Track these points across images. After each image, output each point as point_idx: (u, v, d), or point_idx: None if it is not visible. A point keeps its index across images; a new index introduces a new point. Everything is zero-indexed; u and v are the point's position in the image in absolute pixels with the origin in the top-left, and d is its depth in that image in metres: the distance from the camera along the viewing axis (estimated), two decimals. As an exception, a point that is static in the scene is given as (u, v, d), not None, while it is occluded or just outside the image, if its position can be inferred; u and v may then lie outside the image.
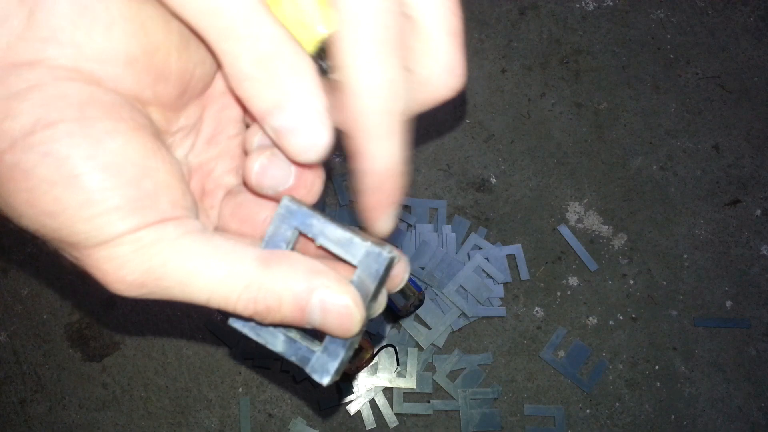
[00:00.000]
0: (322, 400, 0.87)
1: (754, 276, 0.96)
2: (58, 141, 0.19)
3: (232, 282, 0.22)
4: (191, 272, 0.22)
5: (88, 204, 0.20)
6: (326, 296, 0.23)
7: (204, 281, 0.22)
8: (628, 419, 0.89)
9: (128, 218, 0.20)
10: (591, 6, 1.08)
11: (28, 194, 0.20)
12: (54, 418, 0.87)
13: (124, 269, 0.21)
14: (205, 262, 0.22)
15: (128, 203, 0.21)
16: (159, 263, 0.21)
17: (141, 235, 0.21)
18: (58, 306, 0.90)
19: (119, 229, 0.20)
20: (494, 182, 0.98)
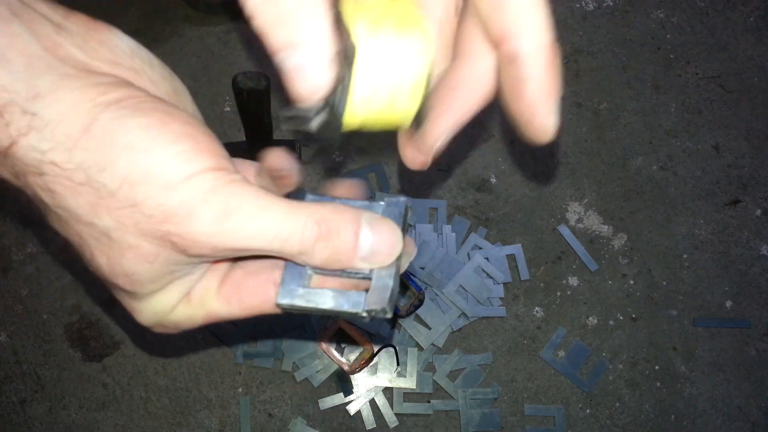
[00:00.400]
0: (321, 400, 0.88)
1: (754, 276, 0.96)
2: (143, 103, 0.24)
3: (299, 212, 0.25)
4: (265, 205, 0.24)
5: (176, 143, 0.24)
6: (374, 221, 0.26)
7: (276, 212, 0.25)
8: (628, 419, 0.89)
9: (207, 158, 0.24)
10: (591, 6, 1.08)
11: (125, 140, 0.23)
12: (54, 418, 0.87)
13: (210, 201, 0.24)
14: (274, 199, 0.25)
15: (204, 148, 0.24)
16: (237, 197, 0.24)
17: (218, 174, 0.24)
18: (58, 306, 0.90)
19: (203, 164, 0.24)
20: (494, 182, 0.98)
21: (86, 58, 0.24)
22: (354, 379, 0.88)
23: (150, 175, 0.23)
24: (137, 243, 0.25)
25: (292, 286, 0.28)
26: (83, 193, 0.24)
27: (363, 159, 0.97)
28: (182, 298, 0.28)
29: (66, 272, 0.92)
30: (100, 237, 0.25)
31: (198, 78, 1.02)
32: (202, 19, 1.05)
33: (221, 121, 0.99)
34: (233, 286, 0.29)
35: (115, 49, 0.26)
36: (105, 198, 0.24)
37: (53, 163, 0.23)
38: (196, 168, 0.24)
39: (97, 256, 0.26)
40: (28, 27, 0.23)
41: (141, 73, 0.26)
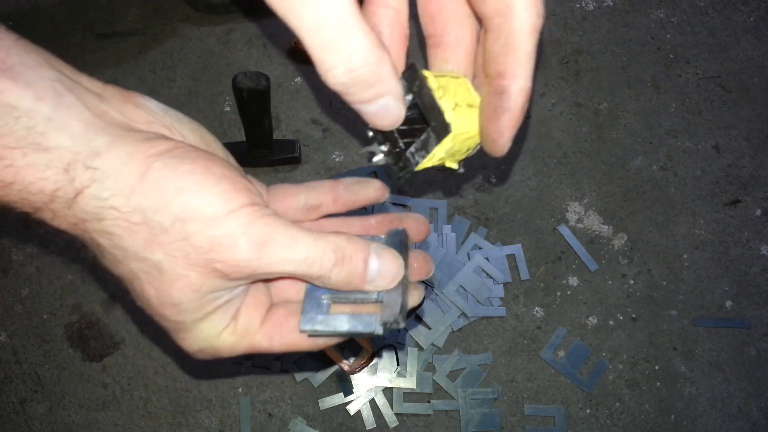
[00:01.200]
0: (321, 400, 0.88)
1: (754, 276, 0.96)
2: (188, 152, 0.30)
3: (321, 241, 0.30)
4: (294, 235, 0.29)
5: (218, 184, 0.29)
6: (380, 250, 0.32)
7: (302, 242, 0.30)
8: (628, 419, 0.89)
9: (243, 196, 0.29)
10: (591, 6, 1.08)
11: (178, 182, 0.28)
12: (54, 418, 0.87)
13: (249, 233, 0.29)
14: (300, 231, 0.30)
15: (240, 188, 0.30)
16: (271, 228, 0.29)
17: (253, 210, 0.29)
18: (58, 306, 0.90)
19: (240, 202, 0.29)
20: (494, 182, 0.98)
21: (127, 120, 0.29)
22: (354, 379, 0.88)
23: (198, 213, 0.28)
24: (185, 273, 0.29)
25: (312, 314, 0.33)
26: (139, 232, 0.28)
27: (363, 159, 0.97)
28: (227, 326, 0.33)
29: (66, 272, 0.92)
30: (151, 271, 0.30)
31: (198, 78, 1.02)
32: (202, 19, 1.05)
33: (221, 121, 0.99)
34: (276, 325, 0.34)
35: (148, 110, 0.31)
36: (159, 235, 0.28)
37: (113, 207, 0.28)
38: (235, 205, 0.29)
39: (147, 290, 0.30)
40: (79, 99, 0.28)
41: (172, 129, 0.31)
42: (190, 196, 0.28)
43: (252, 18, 1.05)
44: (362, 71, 0.26)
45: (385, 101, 0.28)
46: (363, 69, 0.26)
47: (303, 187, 0.39)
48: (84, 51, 1.02)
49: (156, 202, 0.28)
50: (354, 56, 0.26)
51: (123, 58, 1.02)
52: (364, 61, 0.26)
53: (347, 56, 0.26)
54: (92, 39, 1.03)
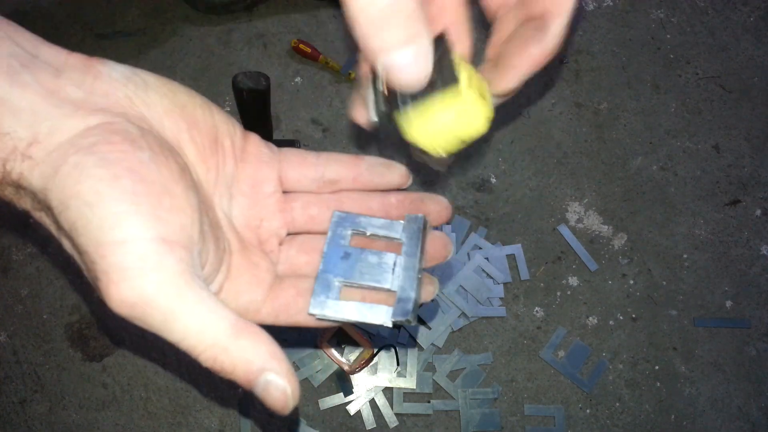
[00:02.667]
0: (322, 400, 0.88)
1: (754, 276, 0.96)
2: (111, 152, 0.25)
3: (203, 337, 0.26)
4: (175, 314, 0.25)
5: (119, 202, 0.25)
6: (272, 380, 0.27)
7: (182, 325, 0.26)
8: (628, 419, 0.89)
9: (147, 225, 0.25)
10: (591, 6, 1.08)
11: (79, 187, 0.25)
12: (54, 418, 0.87)
13: (125, 283, 0.25)
14: (189, 310, 0.26)
15: (150, 213, 0.25)
16: (153, 292, 0.25)
17: (149, 251, 0.25)
18: (58, 306, 0.90)
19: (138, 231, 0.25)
20: (494, 182, 0.98)
21: (83, 94, 0.28)
22: (354, 379, 0.88)
23: (88, 230, 0.25)
24: None
25: (322, 298, 0.31)
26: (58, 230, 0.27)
27: (363, 159, 0.97)
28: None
29: (66, 272, 0.92)
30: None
31: (198, 78, 1.02)
32: (202, 19, 1.05)
33: (221, 121, 0.99)
34: (283, 305, 0.32)
35: (109, 80, 0.29)
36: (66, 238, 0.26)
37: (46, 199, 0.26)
38: (127, 233, 0.25)
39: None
40: (34, 76, 0.26)
41: (134, 98, 0.29)
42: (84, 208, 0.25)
43: (252, 18, 1.05)
44: (396, 7, 0.25)
45: (416, 49, 0.26)
46: (397, 5, 0.25)
47: (323, 158, 0.37)
48: (84, 51, 1.02)
49: (61, 203, 0.25)
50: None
51: (123, 58, 1.02)
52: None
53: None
54: (92, 39, 1.03)
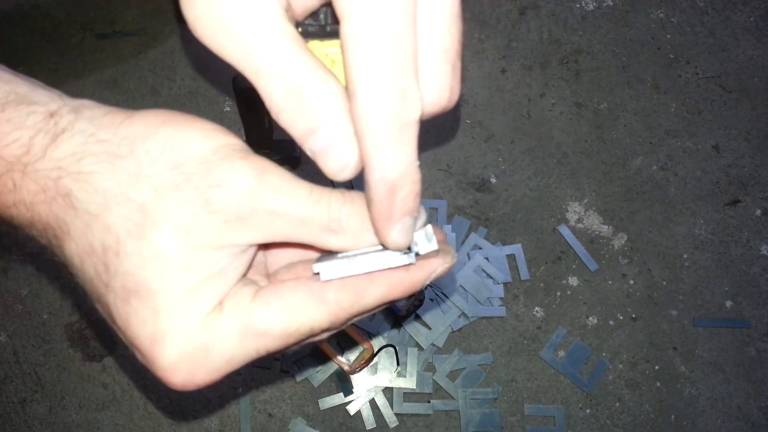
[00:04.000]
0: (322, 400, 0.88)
1: (754, 276, 0.96)
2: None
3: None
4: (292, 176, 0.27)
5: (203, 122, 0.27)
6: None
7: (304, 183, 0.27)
8: (628, 419, 0.89)
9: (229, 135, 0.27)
10: (591, 6, 1.08)
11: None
12: (54, 418, 0.87)
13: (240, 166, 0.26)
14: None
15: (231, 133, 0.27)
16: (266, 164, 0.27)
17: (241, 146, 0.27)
18: (58, 306, 0.90)
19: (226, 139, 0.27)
20: (494, 182, 0.98)
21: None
22: (354, 379, 0.88)
23: (190, 142, 0.25)
24: (174, 212, 0.25)
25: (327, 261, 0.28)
26: (124, 167, 0.25)
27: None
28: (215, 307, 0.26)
29: (66, 272, 0.92)
30: (133, 215, 0.25)
31: (198, 78, 1.02)
32: (202, 19, 1.04)
33: (221, 121, 0.99)
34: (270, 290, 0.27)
35: None
36: (146, 167, 0.25)
37: (99, 141, 0.25)
38: (230, 141, 0.26)
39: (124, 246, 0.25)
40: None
41: None
42: (179, 126, 0.26)
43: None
44: (303, 91, 0.24)
45: (332, 133, 0.24)
46: (304, 89, 0.24)
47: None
48: (84, 51, 1.02)
49: (144, 131, 0.25)
50: (291, 76, 0.24)
51: (123, 58, 1.02)
52: (304, 80, 0.24)
53: (283, 78, 0.24)
54: (92, 39, 1.03)
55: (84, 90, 0.99)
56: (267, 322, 0.26)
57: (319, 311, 0.27)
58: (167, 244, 0.25)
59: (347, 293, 0.27)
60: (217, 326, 0.26)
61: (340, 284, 0.27)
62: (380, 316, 0.91)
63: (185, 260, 0.25)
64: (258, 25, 0.24)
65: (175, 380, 0.27)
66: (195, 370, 0.26)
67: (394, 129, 0.23)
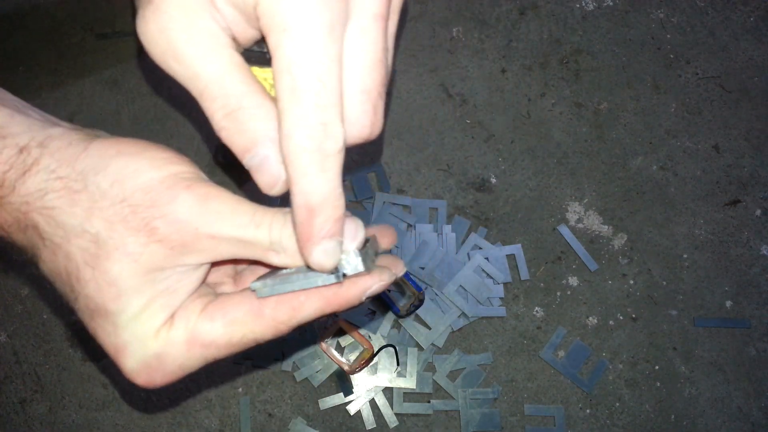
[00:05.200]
0: (321, 400, 0.88)
1: (754, 276, 0.96)
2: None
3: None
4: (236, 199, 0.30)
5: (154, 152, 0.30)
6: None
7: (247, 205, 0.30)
8: (628, 419, 0.89)
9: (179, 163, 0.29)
10: (591, 6, 1.08)
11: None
12: (54, 418, 0.87)
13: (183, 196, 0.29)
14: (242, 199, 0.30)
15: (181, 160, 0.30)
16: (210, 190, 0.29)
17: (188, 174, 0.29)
18: (58, 306, 0.91)
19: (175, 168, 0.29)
20: (494, 182, 0.98)
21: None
22: (354, 379, 0.88)
23: (138, 173, 0.28)
24: (124, 241, 0.28)
25: (266, 279, 0.30)
26: (80, 201, 0.28)
27: (363, 158, 0.97)
28: (166, 321, 0.30)
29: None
30: (89, 246, 0.28)
31: (198, 78, 1.02)
32: (202, 19, 1.04)
33: (221, 121, 0.99)
34: (216, 305, 0.31)
35: None
36: (98, 200, 0.27)
37: (59, 177, 0.27)
38: (176, 169, 0.28)
39: (84, 275, 0.28)
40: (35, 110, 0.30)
41: None
42: (129, 158, 0.28)
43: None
44: (240, 114, 0.26)
45: (264, 152, 0.27)
46: (241, 112, 0.27)
47: None
48: (84, 51, 1.02)
49: (97, 165, 0.28)
50: (230, 99, 0.27)
51: (123, 58, 1.02)
52: (241, 103, 0.27)
53: (223, 100, 0.27)
54: (92, 39, 1.03)
55: (84, 90, 0.99)
56: (211, 335, 0.30)
57: (258, 325, 0.30)
58: (118, 272, 0.28)
59: (284, 309, 0.30)
60: (168, 338, 0.30)
61: (277, 300, 0.30)
62: (380, 316, 0.91)
63: (136, 283, 0.28)
64: (202, 51, 0.26)
65: (139, 382, 0.32)
66: (152, 374, 0.31)
67: (315, 158, 0.25)
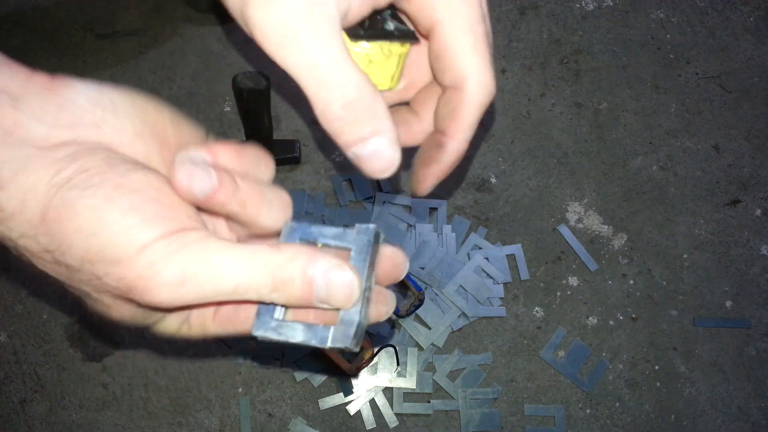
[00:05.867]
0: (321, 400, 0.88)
1: (754, 276, 0.96)
2: (91, 178, 0.25)
3: (253, 265, 0.26)
4: (219, 263, 0.26)
5: (123, 218, 0.25)
6: (329, 270, 0.27)
7: (230, 269, 0.26)
8: (628, 419, 0.89)
9: (158, 225, 0.25)
10: (591, 6, 1.08)
11: (75, 223, 0.25)
12: (54, 418, 0.87)
13: (164, 271, 0.25)
14: (228, 254, 0.26)
15: (155, 215, 0.25)
16: (191, 259, 0.26)
17: (171, 240, 0.25)
18: (58, 306, 0.91)
19: (153, 234, 0.25)
20: (494, 182, 0.98)
21: (46, 129, 0.26)
22: (354, 379, 0.88)
23: (104, 254, 0.25)
24: (115, 303, 0.27)
25: (266, 318, 0.30)
26: (57, 269, 0.27)
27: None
28: (183, 323, 0.31)
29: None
30: (85, 297, 0.28)
31: (198, 78, 1.02)
32: (202, 19, 1.05)
33: (221, 121, 0.99)
34: (227, 316, 0.31)
35: (73, 108, 0.27)
36: (74, 272, 0.26)
37: (25, 248, 0.26)
38: (148, 238, 0.25)
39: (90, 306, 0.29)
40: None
41: (102, 124, 0.27)
42: (90, 238, 0.25)
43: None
44: (358, 104, 0.27)
45: (379, 141, 0.28)
46: (358, 103, 0.27)
47: None
48: (84, 51, 1.02)
49: (60, 245, 0.25)
50: (349, 89, 0.27)
51: (123, 58, 1.02)
52: (359, 95, 0.27)
53: (342, 90, 0.27)
54: (92, 39, 1.03)
55: (84, 90, 0.99)
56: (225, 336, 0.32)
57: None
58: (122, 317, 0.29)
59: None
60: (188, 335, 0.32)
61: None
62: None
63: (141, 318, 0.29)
64: (325, 38, 0.27)
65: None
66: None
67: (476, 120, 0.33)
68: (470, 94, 0.32)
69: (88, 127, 0.27)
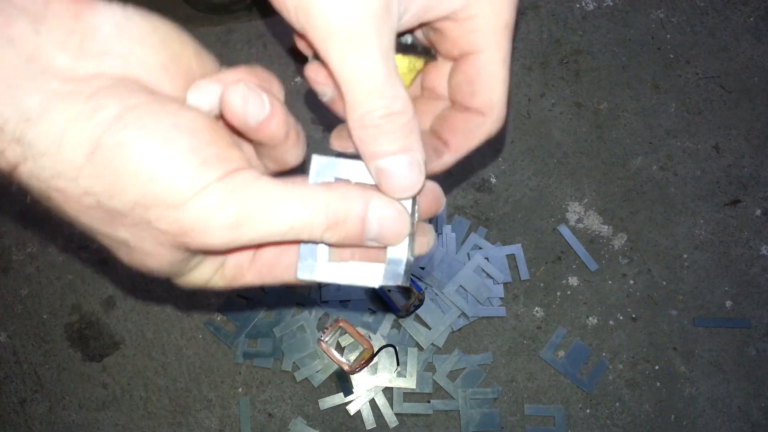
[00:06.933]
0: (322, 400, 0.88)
1: (754, 276, 0.96)
2: (144, 117, 0.23)
3: (307, 204, 0.26)
4: (274, 203, 0.26)
5: (183, 161, 0.24)
6: (381, 207, 0.28)
7: (285, 209, 0.26)
8: (628, 419, 0.89)
9: (216, 168, 0.25)
10: (591, 6, 1.08)
11: (133, 166, 0.23)
12: (54, 418, 0.87)
13: (221, 213, 0.25)
14: (283, 194, 0.26)
15: (212, 157, 0.25)
16: (247, 201, 0.25)
17: (227, 181, 0.25)
18: (58, 306, 0.90)
19: (211, 176, 0.24)
20: (494, 182, 0.98)
21: (71, 60, 0.23)
22: (354, 379, 0.88)
23: (161, 198, 0.24)
24: (156, 250, 0.26)
25: (310, 261, 0.30)
26: (95, 214, 0.24)
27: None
28: (215, 272, 0.30)
29: (66, 272, 0.92)
30: (119, 245, 0.26)
31: (198, 78, 1.02)
32: (202, 19, 1.05)
33: (221, 121, 0.99)
34: (267, 264, 0.31)
35: (99, 37, 0.24)
36: (117, 218, 0.25)
37: (58, 190, 0.23)
38: (205, 181, 0.24)
39: (121, 256, 0.27)
40: (4, 31, 0.22)
41: (129, 55, 0.25)
42: (149, 182, 0.23)
43: (252, 18, 1.05)
44: (398, 118, 0.27)
45: (408, 160, 0.28)
46: (400, 117, 0.27)
47: None
48: (84, 51, 1.02)
49: (111, 188, 0.23)
50: (396, 103, 0.27)
51: (123, 58, 1.02)
52: (404, 109, 0.27)
53: (389, 101, 0.27)
54: (92, 39, 1.03)
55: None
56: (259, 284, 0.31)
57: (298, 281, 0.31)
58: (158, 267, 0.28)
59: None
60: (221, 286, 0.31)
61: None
62: (380, 316, 0.91)
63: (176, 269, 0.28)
64: (386, 53, 0.27)
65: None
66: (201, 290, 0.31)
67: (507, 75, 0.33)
68: (492, 123, 0.32)
69: (115, 58, 0.24)
